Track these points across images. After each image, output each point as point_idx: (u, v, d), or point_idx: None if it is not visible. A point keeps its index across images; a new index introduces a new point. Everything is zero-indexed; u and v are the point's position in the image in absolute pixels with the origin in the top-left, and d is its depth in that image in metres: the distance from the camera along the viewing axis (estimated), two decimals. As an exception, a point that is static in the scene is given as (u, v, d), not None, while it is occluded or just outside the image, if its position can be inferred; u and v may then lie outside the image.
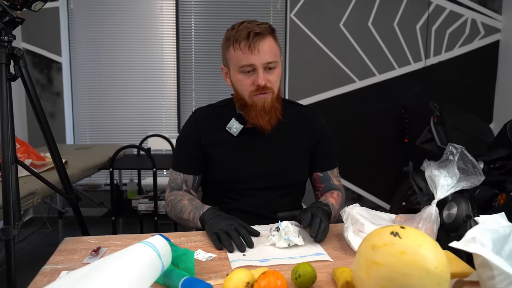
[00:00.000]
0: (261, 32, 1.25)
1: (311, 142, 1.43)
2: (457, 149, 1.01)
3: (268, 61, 1.26)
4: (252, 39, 1.23)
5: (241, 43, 1.25)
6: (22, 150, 2.30)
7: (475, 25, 3.80)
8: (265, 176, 1.37)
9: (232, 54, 1.28)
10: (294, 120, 1.42)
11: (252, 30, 1.24)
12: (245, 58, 1.25)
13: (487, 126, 2.89)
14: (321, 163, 1.45)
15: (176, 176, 1.42)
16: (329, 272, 0.95)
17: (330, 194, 1.40)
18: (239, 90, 1.32)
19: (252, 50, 1.24)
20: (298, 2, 3.72)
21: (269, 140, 1.37)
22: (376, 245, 0.74)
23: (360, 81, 3.83)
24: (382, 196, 3.95)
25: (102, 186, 3.83)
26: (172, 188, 1.43)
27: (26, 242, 3.18)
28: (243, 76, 1.28)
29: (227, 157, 1.37)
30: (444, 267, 0.72)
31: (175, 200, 1.37)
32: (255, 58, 1.24)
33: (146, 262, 0.82)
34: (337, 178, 1.48)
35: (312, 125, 1.43)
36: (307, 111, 1.46)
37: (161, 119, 3.96)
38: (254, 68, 1.26)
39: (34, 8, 1.29)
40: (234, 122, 1.35)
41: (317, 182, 1.47)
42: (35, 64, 3.72)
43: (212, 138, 1.38)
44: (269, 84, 1.28)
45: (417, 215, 1.05)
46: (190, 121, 1.42)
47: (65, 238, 1.16)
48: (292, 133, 1.41)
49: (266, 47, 1.25)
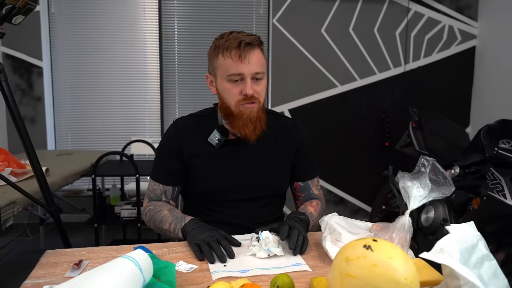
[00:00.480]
0: (251, 42, 1.27)
1: (292, 153, 1.45)
2: (429, 161, 1.06)
3: (257, 72, 1.28)
4: (243, 49, 1.25)
5: (231, 51, 1.26)
6: (2, 158, 2.28)
7: (452, 32, 3.91)
8: (246, 188, 1.39)
9: (221, 62, 1.29)
10: (275, 131, 1.43)
11: (243, 40, 1.26)
12: (235, 67, 1.26)
13: (463, 131, 2.97)
14: (302, 173, 1.48)
15: (155, 186, 1.42)
16: (307, 282, 0.98)
17: (310, 203, 1.43)
18: (225, 98, 1.32)
19: (242, 60, 1.25)
20: (280, 8, 3.76)
21: (251, 152, 1.39)
22: (350, 257, 0.77)
23: (342, 86, 3.89)
24: (364, 199, 4.01)
25: (84, 192, 3.80)
26: (150, 198, 1.43)
27: (6, 249, 3.13)
28: (230, 85, 1.29)
29: (209, 168, 1.38)
30: (413, 278, 0.75)
31: (154, 210, 1.36)
32: (245, 68, 1.26)
33: (127, 277, 0.83)
34: (317, 187, 1.50)
35: (293, 136, 1.45)
36: (287, 121, 1.48)
37: (144, 124, 3.95)
38: (242, 78, 1.27)
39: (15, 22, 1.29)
40: (216, 134, 1.37)
41: (297, 192, 1.49)
42: (15, 68, 3.67)
43: (193, 149, 1.38)
44: (256, 95, 1.29)
45: (391, 224, 1.09)
46: (171, 131, 1.42)
47: (46, 251, 1.16)
48: (273, 144, 1.42)
49: (255, 58, 1.27)
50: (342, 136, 3.90)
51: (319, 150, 3.89)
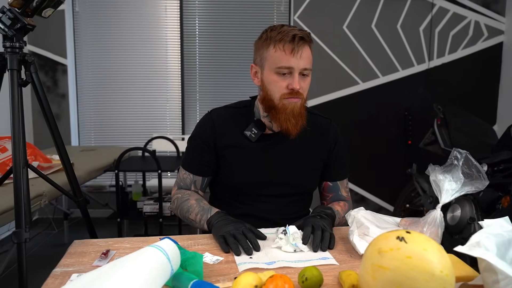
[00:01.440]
0: (304, 37, 1.26)
1: (325, 152, 1.43)
2: (462, 154, 1.03)
3: (305, 67, 1.27)
4: (297, 43, 1.24)
5: (285, 44, 1.25)
6: (29, 152, 2.32)
7: (479, 27, 3.81)
8: (279, 184, 1.38)
9: (271, 53, 1.27)
10: (311, 129, 1.41)
11: (297, 34, 1.25)
12: (286, 60, 1.25)
13: (490, 128, 2.89)
14: (332, 173, 1.46)
15: (186, 175, 1.41)
16: (335, 276, 0.96)
17: (337, 203, 1.41)
18: (270, 90, 1.30)
19: (295, 54, 1.24)
20: (301, 4, 3.74)
21: (286, 148, 1.38)
22: (383, 249, 0.76)
23: (364, 83, 3.84)
24: (386, 198, 3.95)
25: (107, 188, 3.86)
26: (180, 186, 1.43)
27: (32, 243, 3.20)
28: (278, 77, 1.27)
29: (242, 162, 1.36)
30: (449, 271, 0.73)
31: (182, 199, 1.37)
32: (295, 62, 1.25)
33: (156, 265, 0.83)
34: (346, 189, 1.48)
35: (327, 135, 1.44)
36: (321, 120, 1.46)
37: (165, 121, 3.98)
38: (291, 72, 1.26)
39: (45, 15, 1.31)
40: (252, 128, 1.35)
41: (325, 191, 1.47)
42: (41, 66, 3.75)
43: (228, 142, 1.37)
44: (301, 90, 1.28)
45: (422, 219, 1.06)
46: (206, 121, 1.40)
47: (74, 240, 1.18)
48: (308, 142, 1.41)
49: (306, 54, 1.27)
50: (364, 134, 3.85)
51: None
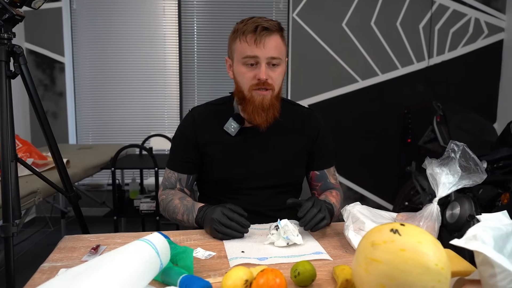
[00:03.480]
0: (269, 27, 1.25)
1: (308, 141, 1.42)
2: (459, 147, 1.00)
3: (272, 56, 1.26)
4: (259, 33, 1.24)
5: (247, 35, 1.25)
6: (24, 149, 2.31)
7: (479, 25, 3.78)
8: (262, 176, 1.37)
9: (237, 45, 1.29)
10: (291, 120, 1.41)
11: (260, 24, 1.25)
12: (250, 50, 1.25)
13: (490, 126, 2.87)
14: (318, 162, 1.45)
15: (170, 174, 1.41)
16: (329, 271, 0.94)
17: (330, 193, 1.39)
18: (239, 82, 1.31)
19: (257, 44, 1.24)
20: (300, 2, 3.71)
21: (267, 139, 1.37)
22: (376, 242, 0.73)
23: (363, 81, 3.81)
24: (385, 196, 3.93)
25: (104, 186, 3.84)
26: (165, 186, 1.43)
27: (29, 241, 3.19)
28: (245, 69, 1.28)
29: (224, 156, 1.36)
30: (444, 265, 0.71)
31: (166, 200, 1.36)
32: (259, 51, 1.24)
33: (144, 260, 0.81)
34: (334, 177, 1.47)
35: (309, 125, 1.43)
36: (303, 111, 1.46)
37: (163, 119, 3.96)
38: (257, 62, 1.26)
39: (34, 6, 1.29)
40: (231, 122, 1.35)
41: (313, 181, 1.46)
42: (38, 64, 3.73)
43: (209, 138, 1.37)
44: (270, 81, 1.27)
45: (418, 213, 1.04)
46: (187, 120, 1.41)
47: (64, 236, 1.16)
48: (289, 132, 1.40)
49: (272, 43, 1.26)
50: (363, 132, 3.82)
51: (339, 146, 3.83)
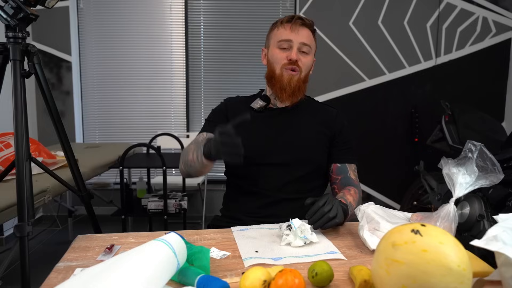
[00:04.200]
0: (304, 21, 1.42)
1: (331, 131, 1.49)
2: (476, 146, 0.99)
3: (304, 42, 1.40)
4: (294, 22, 1.41)
5: (284, 23, 1.42)
6: (33, 148, 2.31)
7: (487, 23, 3.76)
8: (283, 151, 1.42)
9: (274, 32, 1.45)
10: (316, 111, 1.52)
11: (297, 15, 1.44)
12: (285, 34, 1.41)
13: (499, 125, 2.85)
14: (340, 154, 1.49)
15: (199, 136, 1.46)
16: (346, 271, 0.94)
17: (348, 191, 1.39)
18: (273, 63, 1.44)
19: (292, 29, 1.40)
20: (307, 1, 3.70)
21: (291, 119, 1.47)
22: (397, 242, 0.73)
23: (370, 80, 3.80)
24: (392, 195, 3.92)
25: (112, 185, 3.85)
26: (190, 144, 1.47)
27: (37, 240, 3.20)
28: (279, 51, 1.42)
29: (248, 130, 1.39)
30: (466, 266, 0.70)
31: (185, 150, 1.41)
32: (294, 36, 1.40)
33: (162, 260, 0.81)
34: (354, 173, 1.49)
35: (334, 120, 1.52)
36: (329, 109, 1.57)
37: (170, 118, 3.97)
38: (290, 46, 1.41)
39: (48, 5, 1.29)
40: (258, 100, 1.48)
41: (334, 173, 1.48)
42: (45, 63, 3.74)
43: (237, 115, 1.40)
44: (300, 63, 1.41)
45: (435, 213, 1.03)
46: (220, 106, 1.56)
47: (78, 235, 1.16)
48: (313, 118, 1.49)
49: (305, 33, 1.42)
50: (370, 132, 3.81)
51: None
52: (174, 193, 2.95)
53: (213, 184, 3.73)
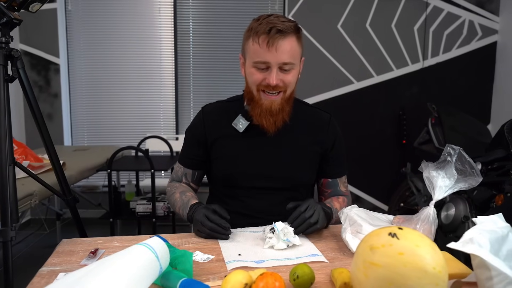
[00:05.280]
0: (284, 30, 1.19)
1: (323, 146, 1.39)
2: (455, 150, 1.01)
3: (285, 62, 1.21)
4: (272, 36, 1.18)
5: (260, 37, 1.20)
6: (20, 151, 2.30)
7: (473, 27, 3.81)
8: (268, 175, 1.33)
9: (250, 46, 1.24)
10: (305, 122, 1.38)
11: (275, 26, 1.18)
12: (262, 54, 1.20)
13: (484, 127, 2.89)
14: (331, 170, 1.42)
15: (178, 168, 1.47)
16: (327, 274, 0.95)
17: (336, 198, 1.39)
18: (249, 82, 1.28)
19: (269, 47, 1.19)
20: (296, 4, 3.73)
21: (276, 139, 1.33)
22: (374, 246, 0.74)
23: (358, 82, 3.83)
24: (380, 197, 3.95)
25: (100, 188, 3.82)
26: (173, 178, 1.49)
27: (24, 244, 3.17)
28: (256, 71, 1.24)
29: (231, 152, 1.35)
30: (442, 268, 0.72)
31: (170, 192, 1.43)
32: (271, 57, 1.20)
33: (144, 264, 0.81)
34: (344, 185, 1.46)
35: (328, 130, 1.40)
36: (321, 114, 1.43)
37: (159, 121, 3.96)
38: (268, 66, 1.22)
39: (32, 9, 1.29)
40: (240, 118, 1.33)
41: (323, 187, 1.44)
42: (33, 65, 3.71)
43: (218, 134, 1.37)
44: (281, 84, 1.24)
45: (415, 216, 1.05)
46: (197, 118, 1.42)
47: (62, 239, 1.16)
48: (302, 135, 1.37)
49: (286, 47, 1.20)
50: (358, 134, 3.84)
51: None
52: (163, 195, 2.94)
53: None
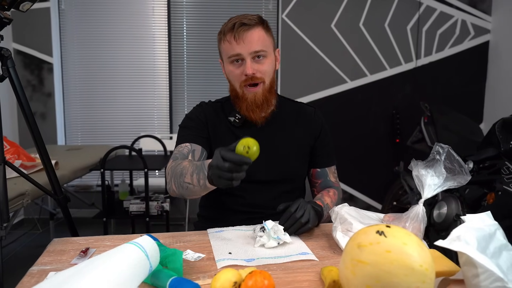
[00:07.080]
0: (248, 23, 1.27)
1: (311, 138, 1.44)
2: (444, 149, 1.02)
3: (255, 50, 1.27)
4: (237, 30, 1.27)
5: (227, 34, 1.29)
6: (12, 151, 2.29)
7: (465, 26, 3.84)
8: (264, 168, 1.33)
9: (222, 46, 1.33)
10: (294, 115, 1.44)
11: (239, 21, 1.28)
12: (232, 48, 1.28)
13: (477, 126, 2.91)
14: (319, 159, 1.47)
15: (182, 148, 1.32)
16: (317, 272, 0.96)
17: (326, 192, 1.40)
18: (231, 81, 1.35)
19: (237, 40, 1.27)
20: (290, 3, 3.73)
21: (269, 133, 1.38)
22: (362, 244, 0.75)
23: (352, 82, 3.84)
24: (374, 196, 3.97)
25: (94, 187, 3.81)
26: (176, 158, 1.30)
27: (17, 243, 3.16)
28: (233, 67, 1.31)
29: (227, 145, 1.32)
30: (428, 265, 0.72)
31: (175, 166, 1.23)
32: (241, 48, 1.27)
33: (134, 262, 0.82)
34: (334, 175, 1.49)
35: (313, 122, 1.46)
36: (306, 108, 1.49)
37: (153, 120, 3.95)
38: (242, 58, 1.28)
39: (22, 9, 1.28)
40: (236, 114, 1.38)
41: (314, 178, 1.48)
42: (26, 64, 3.69)
43: (215, 128, 1.39)
44: (258, 74, 1.29)
45: (404, 214, 1.06)
46: (196, 109, 1.43)
47: (53, 239, 1.15)
48: (292, 127, 1.42)
49: (254, 37, 1.27)
50: (352, 133, 3.86)
51: (329, 146, 3.85)
52: (157, 195, 2.94)
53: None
